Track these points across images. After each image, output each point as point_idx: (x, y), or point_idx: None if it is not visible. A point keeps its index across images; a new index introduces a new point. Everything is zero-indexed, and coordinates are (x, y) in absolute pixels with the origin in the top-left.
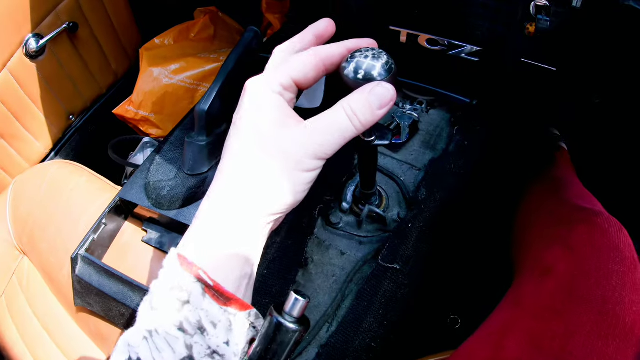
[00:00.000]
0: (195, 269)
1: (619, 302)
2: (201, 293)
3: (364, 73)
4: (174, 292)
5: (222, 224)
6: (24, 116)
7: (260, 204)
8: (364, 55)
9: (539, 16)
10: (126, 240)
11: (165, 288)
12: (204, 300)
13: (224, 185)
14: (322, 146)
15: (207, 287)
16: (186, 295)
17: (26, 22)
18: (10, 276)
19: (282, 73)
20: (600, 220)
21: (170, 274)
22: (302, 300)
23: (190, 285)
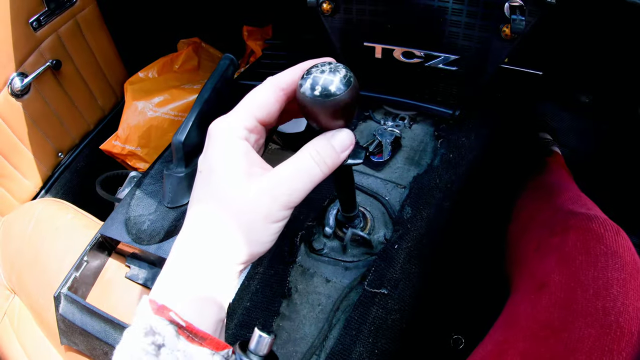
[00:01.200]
0: (166, 312)
1: (623, 311)
2: (175, 335)
3: (321, 89)
4: (148, 338)
5: (191, 272)
6: (12, 155)
7: (228, 255)
8: (320, 70)
9: (513, 16)
10: (110, 277)
11: (140, 334)
12: (179, 342)
13: (191, 235)
14: (290, 196)
15: (180, 329)
16: (161, 339)
17: (10, 62)
18: (2, 316)
19: (245, 114)
20: (595, 224)
21: (143, 320)
22: (266, 337)
23: (164, 328)
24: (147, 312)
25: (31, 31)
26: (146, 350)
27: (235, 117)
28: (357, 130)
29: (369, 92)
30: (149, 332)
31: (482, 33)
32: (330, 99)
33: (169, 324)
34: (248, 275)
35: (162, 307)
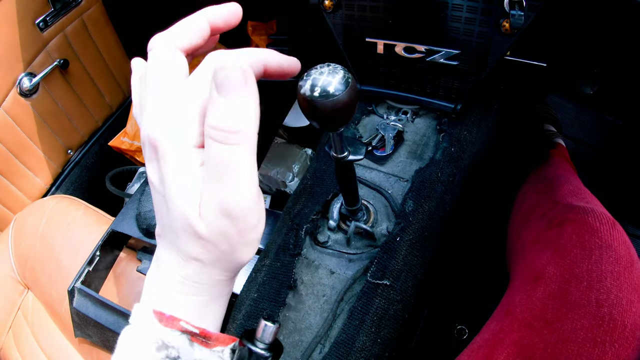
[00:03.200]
0: (176, 323)
1: (616, 304)
2: (189, 344)
3: (320, 89)
4: (161, 352)
5: (188, 275)
6: (23, 153)
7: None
8: (320, 72)
9: (512, 11)
10: (121, 271)
11: (150, 349)
12: (194, 350)
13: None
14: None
15: (194, 336)
16: (175, 352)
17: (18, 62)
18: (16, 311)
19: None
20: (591, 218)
21: (151, 333)
22: (271, 326)
23: (176, 339)
24: (154, 325)
25: (38, 32)
26: None
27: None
28: (360, 125)
29: (371, 86)
30: (162, 347)
31: (482, 28)
32: (329, 100)
33: (181, 334)
34: (255, 267)
35: (171, 318)
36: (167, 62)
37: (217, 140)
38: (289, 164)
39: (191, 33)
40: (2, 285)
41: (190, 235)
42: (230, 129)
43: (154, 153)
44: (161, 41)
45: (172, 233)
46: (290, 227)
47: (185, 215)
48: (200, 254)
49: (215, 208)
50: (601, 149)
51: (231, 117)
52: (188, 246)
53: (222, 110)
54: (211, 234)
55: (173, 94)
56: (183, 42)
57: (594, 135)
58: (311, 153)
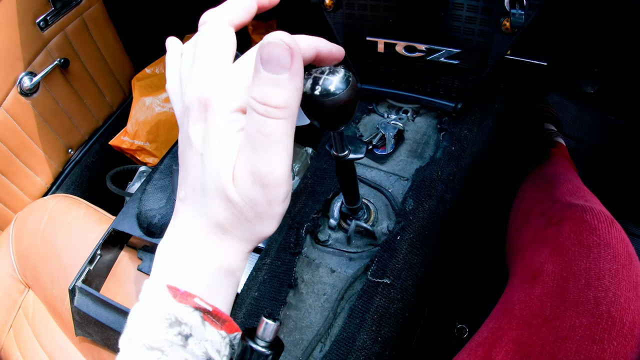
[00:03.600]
0: (191, 299)
1: (614, 302)
2: (201, 322)
3: (321, 88)
4: (174, 329)
5: (204, 254)
6: (23, 153)
7: (236, 238)
8: (320, 71)
9: (512, 10)
10: (122, 269)
11: (162, 325)
12: (205, 330)
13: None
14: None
15: (206, 314)
16: (188, 329)
17: (18, 62)
18: (17, 310)
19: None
20: (589, 216)
21: (164, 308)
22: (272, 324)
23: (190, 316)
24: (167, 300)
25: (38, 31)
26: (172, 341)
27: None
28: (361, 124)
29: (372, 85)
30: (175, 323)
31: (483, 27)
32: (330, 98)
33: (194, 310)
34: (256, 266)
35: (186, 294)
36: (221, 34)
37: (260, 113)
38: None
39: (241, 10)
40: (3, 284)
41: (220, 198)
42: (274, 103)
43: (202, 112)
44: (214, 16)
45: (201, 194)
46: (291, 226)
47: (220, 177)
48: (226, 219)
49: (249, 175)
50: (602, 148)
51: (276, 92)
52: (216, 209)
53: (267, 85)
54: (241, 199)
55: (228, 61)
56: (233, 18)
57: (595, 134)
58: (312, 152)
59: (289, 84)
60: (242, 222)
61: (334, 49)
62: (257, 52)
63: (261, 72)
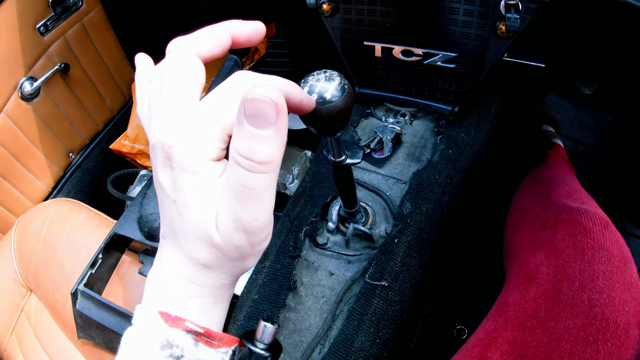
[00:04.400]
0: (182, 323)
1: (608, 303)
2: (193, 343)
3: (317, 96)
4: (165, 351)
5: (193, 279)
6: (24, 157)
7: (220, 273)
8: (316, 79)
9: (508, 15)
10: (123, 273)
11: (155, 348)
12: (198, 350)
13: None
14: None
15: (198, 336)
16: (179, 351)
17: (19, 67)
18: (19, 313)
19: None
20: (584, 219)
21: (156, 333)
22: (271, 327)
23: (182, 339)
24: (159, 325)
25: (39, 36)
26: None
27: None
28: (359, 128)
29: (369, 89)
30: (166, 346)
31: (479, 31)
32: (326, 106)
33: (186, 333)
34: (255, 269)
35: (177, 318)
36: (186, 69)
37: (244, 168)
38: (289, 166)
39: (213, 43)
40: (5, 288)
41: (203, 243)
42: (258, 159)
43: (167, 159)
44: (182, 46)
45: (183, 237)
46: (290, 229)
47: (203, 224)
48: (210, 261)
49: (232, 224)
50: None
51: (261, 148)
52: (199, 252)
53: (252, 140)
54: (225, 245)
55: (192, 104)
56: (203, 50)
57: (594, 136)
58: (311, 155)
59: (274, 140)
60: (226, 262)
61: (305, 99)
62: (240, 104)
63: (246, 126)
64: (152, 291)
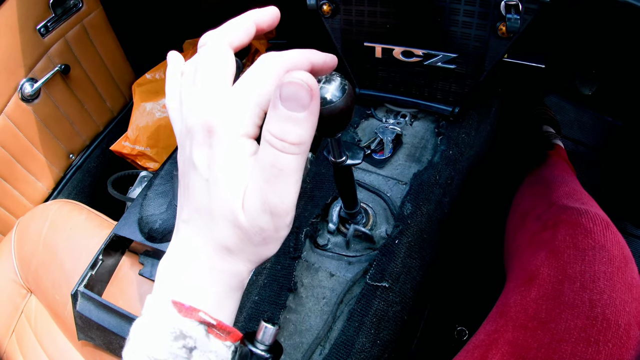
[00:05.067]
0: (195, 313)
1: (609, 304)
2: (205, 335)
3: None
4: (179, 342)
5: (208, 270)
6: (25, 158)
7: (240, 260)
8: (317, 79)
9: (508, 15)
10: (124, 274)
11: (167, 338)
12: (210, 342)
13: (200, 239)
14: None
15: (210, 327)
16: (192, 342)
17: (19, 68)
18: (19, 314)
19: (253, 109)
20: (585, 219)
21: (169, 323)
22: (271, 328)
23: (194, 329)
24: (172, 315)
25: (39, 37)
26: (176, 354)
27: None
28: (359, 129)
29: (370, 90)
30: (179, 336)
31: (479, 31)
32: (326, 107)
33: (199, 324)
34: (256, 270)
35: (191, 309)
36: (221, 56)
37: (277, 148)
38: None
39: (241, 32)
40: (5, 289)
41: (229, 223)
42: (290, 140)
43: (207, 137)
44: (214, 38)
45: (208, 218)
46: (291, 231)
47: (230, 203)
48: (233, 243)
49: (260, 204)
50: (601, 150)
51: (294, 129)
52: (223, 233)
53: (286, 122)
54: (250, 226)
55: (229, 84)
56: (233, 40)
57: (594, 136)
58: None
59: (306, 122)
60: (248, 245)
61: (327, 59)
62: (277, 88)
63: (280, 108)
64: (165, 280)
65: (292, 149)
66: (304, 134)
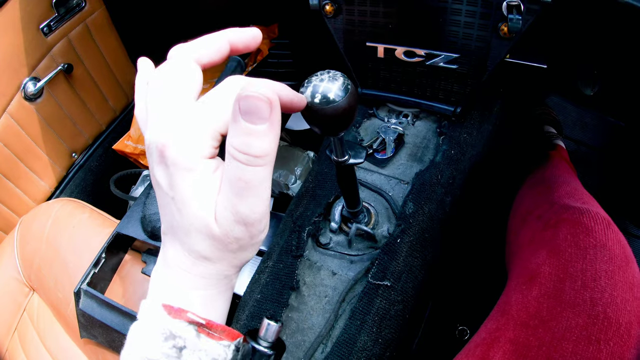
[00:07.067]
0: (184, 314)
1: (610, 303)
2: (195, 334)
3: (321, 96)
4: (169, 342)
5: (195, 272)
6: (27, 157)
7: (221, 265)
8: (320, 79)
9: (510, 15)
10: (126, 272)
11: (158, 339)
12: (200, 341)
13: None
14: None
15: (200, 327)
16: (182, 342)
17: (22, 67)
18: (22, 312)
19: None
20: (586, 218)
21: (160, 324)
22: (274, 325)
23: (184, 329)
24: (162, 317)
25: (42, 37)
26: (167, 354)
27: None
28: (361, 128)
29: (372, 90)
30: (169, 337)
31: (481, 32)
32: (329, 106)
33: (188, 325)
34: (258, 269)
35: (179, 310)
36: (184, 73)
37: (241, 162)
38: (292, 166)
39: (212, 50)
40: (7, 287)
41: (203, 237)
42: (255, 153)
43: (161, 158)
44: (182, 52)
45: (183, 233)
46: (293, 229)
47: (202, 219)
48: (211, 253)
49: (231, 217)
50: (603, 150)
51: (256, 142)
52: (199, 246)
53: (247, 136)
54: (225, 237)
55: (187, 104)
56: (202, 57)
57: (596, 137)
58: (313, 156)
59: (269, 134)
60: (226, 253)
61: (295, 98)
62: (235, 102)
63: (241, 122)
64: (156, 286)
65: (257, 161)
66: (267, 146)
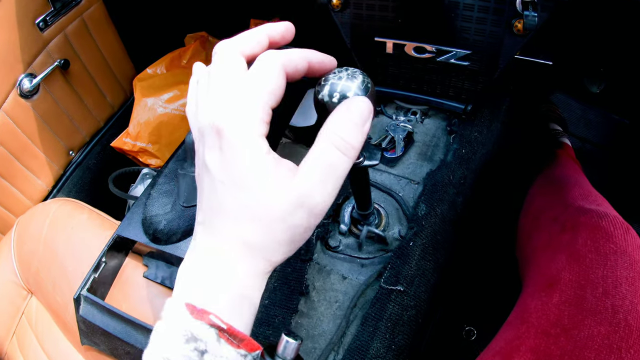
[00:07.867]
0: (206, 316)
1: (631, 310)
2: (216, 339)
3: (339, 95)
4: (190, 344)
5: (224, 274)
6: (24, 155)
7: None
8: (338, 77)
9: (525, 12)
10: (127, 277)
11: (179, 341)
12: (220, 347)
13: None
14: (325, 203)
15: (221, 331)
16: (203, 345)
17: (18, 63)
18: (20, 316)
19: (261, 106)
20: (606, 222)
21: (181, 325)
22: (293, 342)
23: (206, 332)
24: (185, 317)
25: (38, 32)
26: (188, 356)
27: (251, 111)
28: None
29: (380, 87)
30: (191, 339)
31: (494, 28)
32: None
33: (209, 327)
34: None
35: (202, 311)
36: (232, 62)
37: (339, 149)
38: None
39: (254, 43)
40: (5, 290)
41: (255, 221)
42: (353, 144)
43: (217, 140)
44: (227, 46)
45: (230, 219)
46: None
47: (258, 200)
48: (256, 239)
49: (297, 200)
50: (607, 148)
51: (357, 136)
52: (247, 231)
53: (351, 129)
54: (280, 222)
55: (238, 86)
56: (246, 49)
57: (600, 134)
58: None
59: (365, 131)
60: (273, 243)
61: (325, 59)
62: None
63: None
64: (182, 283)
65: (352, 152)
66: (362, 139)
